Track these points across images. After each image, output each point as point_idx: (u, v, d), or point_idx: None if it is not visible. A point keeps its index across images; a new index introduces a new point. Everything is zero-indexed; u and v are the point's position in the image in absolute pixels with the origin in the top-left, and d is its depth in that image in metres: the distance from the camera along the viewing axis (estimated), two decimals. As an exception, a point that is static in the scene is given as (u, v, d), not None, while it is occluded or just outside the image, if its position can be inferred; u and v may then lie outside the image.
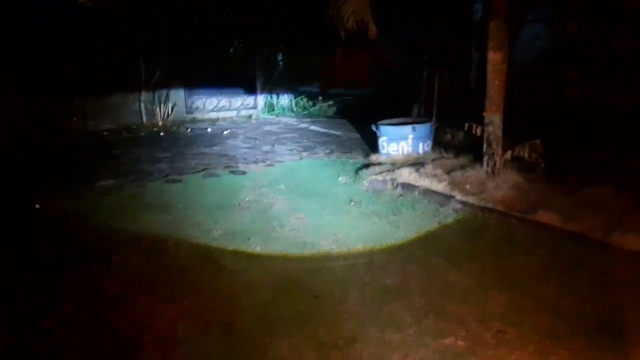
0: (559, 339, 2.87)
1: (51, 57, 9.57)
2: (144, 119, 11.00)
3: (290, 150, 8.31)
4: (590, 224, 4.22)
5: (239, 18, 12.06)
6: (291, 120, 11.84)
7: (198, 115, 11.88)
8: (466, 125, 5.69)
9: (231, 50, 13.10)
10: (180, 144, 8.95)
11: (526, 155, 5.22)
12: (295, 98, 13.34)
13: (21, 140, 8.94)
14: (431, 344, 2.86)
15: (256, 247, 4.31)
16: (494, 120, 5.49)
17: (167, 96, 11.22)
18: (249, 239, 4.48)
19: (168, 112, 11.17)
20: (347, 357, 2.78)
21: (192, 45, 11.79)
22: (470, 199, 4.97)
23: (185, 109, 11.70)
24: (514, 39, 6.13)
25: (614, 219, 4.24)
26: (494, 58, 5.43)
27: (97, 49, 9.92)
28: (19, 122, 9.25)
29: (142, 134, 10.14)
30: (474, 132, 5.60)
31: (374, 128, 7.13)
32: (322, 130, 10.34)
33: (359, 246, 4.26)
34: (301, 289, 3.55)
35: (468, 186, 5.36)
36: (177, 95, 11.50)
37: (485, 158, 5.56)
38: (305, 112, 13.07)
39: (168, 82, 11.20)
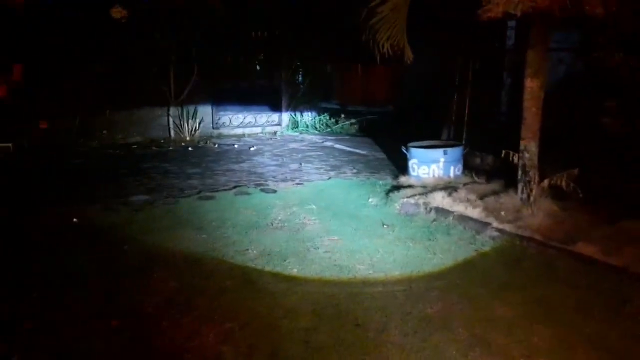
0: (611, 378, 2.82)
1: (85, 70, 9.82)
2: (172, 133, 11.17)
3: (318, 169, 8.35)
4: (632, 257, 4.15)
5: (265, 36, 12.29)
6: (315, 138, 11.91)
7: (224, 130, 12.03)
8: (503, 152, 5.66)
9: (257, 67, 13.32)
10: (209, 160, 9.05)
11: (563, 184, 5.17)
12: (318, 115, 13.43)
13: (61, 152, 9.16)
14: (479, 378, 2.82)
15: (293, 269, 4.32)
16: (530, 148, 5.46)
17: (195, 111, 11.39)
18: (285, 260, 4.49)
19: (195, 127, 11.34)
20: (394, 389, 2.76)
21: (219, 62, 12.04)
22: (507, 227, 4.93)
23: (212, 124, 11.87)
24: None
25: (657, 253, 4.16)
26: (531, 85, 5.42)
27: (128, 63, 10.15)
28: (61, 133, 9.52)
29: (171, 148, 10.28)
30: (510, 159, 5.56)
31: (404, 150, 7.13)
32: (348, 149, 10.37)
33: (396, 272, 4.24)
34: (341, 316, 3.53)
35: (503, 213, 5.31)
36: (205, 111, 11.68)
37: (521, 185, 5.52)
38: (328, 129, 13.14)
39: (196, 98, 11.39)
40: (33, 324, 3.38)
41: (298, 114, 13.21)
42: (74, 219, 5.49)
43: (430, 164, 6.83)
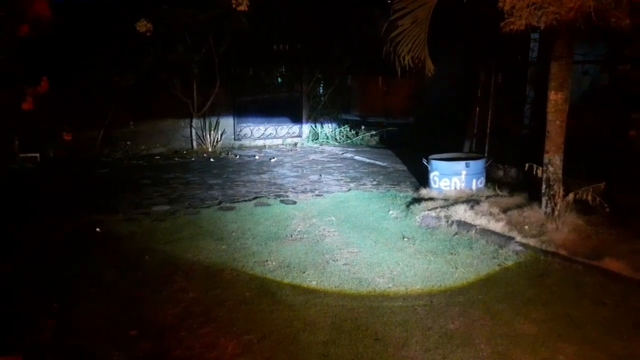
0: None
1: (109, 82, 10.03)
2: (194, 144, 11.32)
3: (338, 180, 8.33)
4: (662, 274, 4.02)
5: (286, 48, 12.41)
6: (335, 150, 11.90)
7: (245, 142, 12.13)
8: (526, 165, 5.57)
9: (278, 79, 13.44)
10: (230, 171, 9.12)
11: (589, 198, 5.05)
12: (338, 127, 13.44)
13: (85, 162, 9.36)
14: (502, 397, 2.75)
15: (312, 281, 4.30)
16: (554, 161, 5.37)
17: (217, 123, 11.53)
18: (304, 272, 4.47)
19: (217, 139, 11.46)
20: (414, 406, 2.71)
21: (242, 74, 12.19)
22: (531, 241, 4.83)
23: (233, 136, 11.99)
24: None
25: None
26: (555, 98, 5.34)
27: (152, 75, 10.33)
28: (86, 144, 9.77)
29: (193, 159, 10.41)
30: (534, 173, 5.47)
31: (425, 162, 7.08)
32: (368, 160, 10.33)
33: (417, 286, 4.18)
34: (361, 329, 3.49)
35: (527, 227, 5.21)
36: (227, 122, 11.81)
37: (545, 199, 5.42)
38: (349, 141, 13.13)
39: (218, 110, 11.54)
40: (51, 333, 3.42)
41: (318, 126, 13.25)
42: (97, 229, 5.58)
43: (452, 177, 6.76)
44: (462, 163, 6.77)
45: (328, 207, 6.61)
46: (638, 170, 5.60)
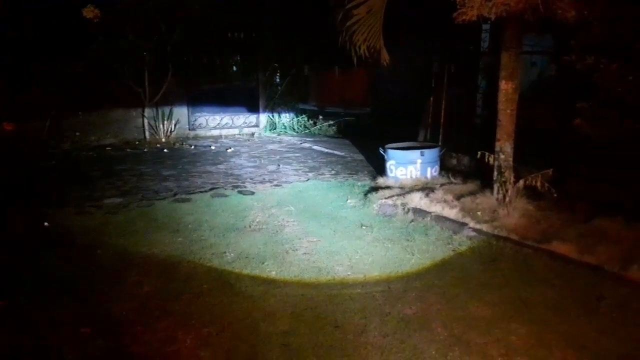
0: (587, 375, 2.85)
1: (56, 70, 9.58)
2: (147, 135, 11.00)
3: (296, 170, 8.31)
4: (606, 256, 4.22)
5: (242, 36, 12.22)
6: (293, 140, 11.87)
7: (201, 132, 11.89)
8: (479, 153, 5.72)
9: (234, 68, 13.24)
10: (185, 162, 8.92)
11: (538, 184, 5.24)
12: (296, 117, 13.40)
13: (31, 154, 8.91)
14: (458, 378, 2.83)
15: (271, 271, 4.28)
16: (505, 149, 5.53)
17: (171, 112, 11.23)
18: (263, 262, 4.44)
19: (171, 129, 11.18)
20: (374, 391, 2.75)
21: (195, 63, 11.93)
22: (484, 227, 4.97)
23: (188, 126, 11.73)
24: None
25: (628, 251, 4.25)
26: (506, 88, 5.49)
27: (101, 63, 9.94)
28: (31, 135, 9.28)
29: (146, 150, 10.12)
30: (486, 160, 5.63)
31: (381, 151, 7.15)
32: (326, 150, 10.36)
33: (375, 273, 4.24)
34: (320, 318, 3.51)
35: (479, 213, 5.36)
36: (181, 112, 11.53)
37: (496, 186, 5.59)
38: (307, 131, 13.12)
39: (172, 99, 11.24)
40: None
41: (276, 116, 13.15)
42: (45, 223, 5.34)
43: (407, 165, 6.86)
44: (418, 152, 6.89)
45: (287, 197, 6.59)
46: (583, 157, 5.84)
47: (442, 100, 8.04)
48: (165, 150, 10.02)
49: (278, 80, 13.44)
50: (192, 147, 10.52)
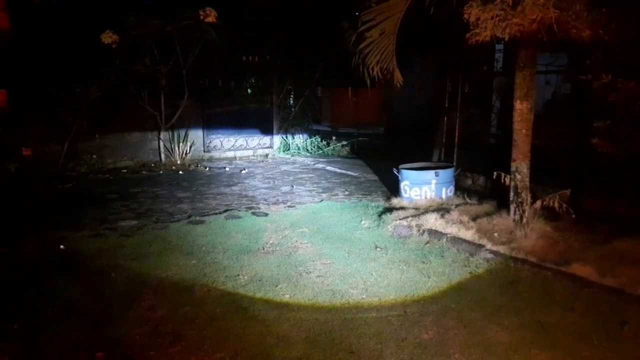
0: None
1: (74, 94, 9.76)
2: (163, 157, 11.10)
3: (310, 191, 8.30)
4: (627, 278, 4.12)
5: (256, 59, 12.39)
6: (307, 160, 11.88)
7: (215, 154, 11.98)
8: (494, 173, 5.66)
9: (248, 91, 13.40)
10: (200, 183, 8.97)
11: (556, 205, 5.16)
12: (309, 138, 13.45)
13: (49, 177, 9.05)
14: (478, 407, 2.74)
15: (285, 295, 4.24)
16: (521, 169, 5.47)
17: (186, 135, 11.34)
18: (276, 285, 4.40)
19: (186, 151, 11.27)
20: (390, 420, 2.67)
21: (211, 86, 12.10)
22: (501, 249, 4.89)
23: (203, 148, 11.82)
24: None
25: (651, 273, 4.13)
26: (521, 107, 5.45)
27: (119, 87, 10.12)
28: (49, 158, 9.46)
29: (161, 172, 10.20)
30: (502, 181, 5.56)
31: (395, 172, 7.12)
32: (339, 171, 10.35)
33: (390, 297, 4.17)
34: (335, 343, 3.45)
35: (496, 235, 5.28)
36: (196, 134, 11.64)
37: (513, 206, 5.51)
38: (320, 151, 13.14)
39: (187, 121, 11.37)
40: (10, 358, 3.25)
41: (290, 137, 13.21)
42: (61, 246, 5.38)
43: (422, 186, 6.81)
44: (432, 172, 6.84)
45: (300, 218, 6.56)
46: (601, 177, 5.75)
47: (456, 120, 8.00)
48: (180, 172, 10.10)
49: (292, 101, 13.55)
50: (207, 168, 10.59)
